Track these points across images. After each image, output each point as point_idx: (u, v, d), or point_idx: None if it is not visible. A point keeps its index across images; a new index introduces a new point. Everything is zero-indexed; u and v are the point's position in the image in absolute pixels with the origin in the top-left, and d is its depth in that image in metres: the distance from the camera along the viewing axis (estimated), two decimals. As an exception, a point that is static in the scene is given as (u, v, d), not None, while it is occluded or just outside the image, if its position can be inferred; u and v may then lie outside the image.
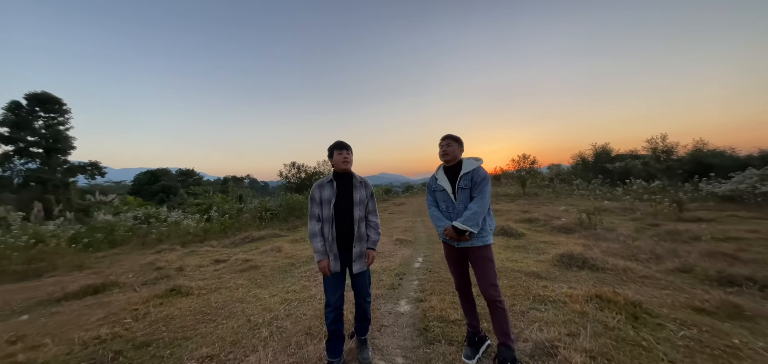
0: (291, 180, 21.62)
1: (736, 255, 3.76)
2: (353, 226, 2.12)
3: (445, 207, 2.21)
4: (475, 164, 2.15)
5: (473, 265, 2.12)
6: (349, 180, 2.19)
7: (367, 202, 2.22)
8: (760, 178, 8.33)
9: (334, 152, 2.17)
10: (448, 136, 2.24)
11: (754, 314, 2.48)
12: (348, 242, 2.12)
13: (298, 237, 7.76)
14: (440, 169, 2.31)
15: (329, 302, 2.13)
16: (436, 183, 2.30)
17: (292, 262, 5.14)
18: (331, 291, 2.12)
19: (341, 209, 2.10)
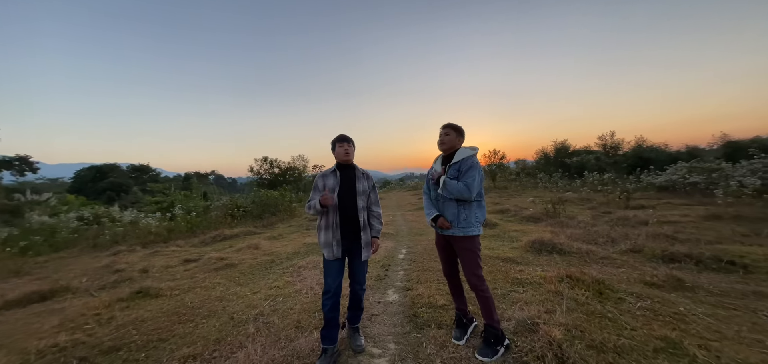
0: (263, 176, 20.73)
1: (675, 236, 4.29)
2: (357, 215, 2.16)
3: (435, 195, 2.24)
4: (468, 153, 2.14)
5: (458, 254, 2.16)
6: (351, 171, 2.23)
7: (369, 193, 2.28)
8: (688, 171, 9.53)
9: (336, 145, 2.21)
10: (447, 125, 2.21)
11: (693, 285, 2.86)
12: (350, 231, 2.15)
13: (275, 234, 7.50)
14: (438, 159, 2.31)
15: (329, 288, 2.14)
16: (431, 171, 2.33)
17: (271, 259, 4.97)
18: (331, 277, 2.14)
19: (345, 198, 2.15)
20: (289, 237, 7.05)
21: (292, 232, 7.74)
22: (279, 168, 20.38)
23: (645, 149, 12.78)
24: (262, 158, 21.05)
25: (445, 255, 2.29)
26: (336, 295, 2.14)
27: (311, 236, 6.69)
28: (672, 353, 1.84)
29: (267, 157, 21.01)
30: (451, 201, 2.10)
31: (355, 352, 2.20)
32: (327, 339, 2.14)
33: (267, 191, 12.73)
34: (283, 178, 19.51)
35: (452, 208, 2.09)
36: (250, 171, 20.94)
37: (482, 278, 2.06)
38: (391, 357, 2.15)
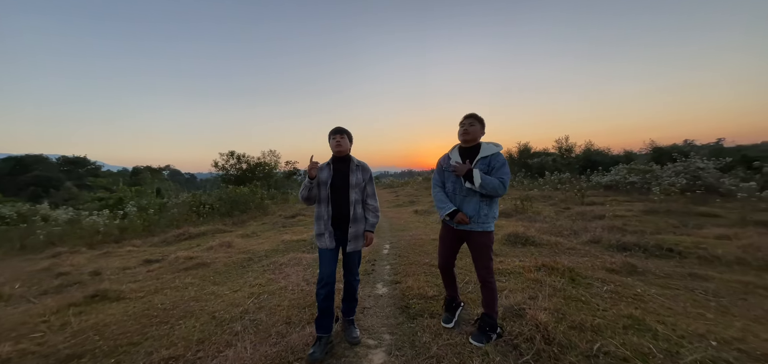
0: (229, 171, 19.46)
1: (624, 228, 4.81)
2: (349, 207, 2.13)
3: (452, 189, 2.10)
4: (495, 149, 2.02)
5: (471, 249, 2.10)
6: (345, 164, 2.20)
7: (364, 185, 2.22)
8: (628, 172, 10.75)
9: (330, 138, 2.20)
10: (472, 116, 2.08)
11: (644, 270, 3.23)
12: (343, 223, 2.13)
13: (248, 232, 7.10)
14: (455, 149, 2.18)
15: (323, 276, 2.11)
16: (448, 162, 2.15)
17: (248, 257, 4.70)
18: (325, 265, 2.12)
19: (337, 190, 2.13)
20: (263, 235, 6.73)
21: (267, 230, 7.38)
22: (247, 164, 19.28)
23: (593, 153, 14.24)
24: (228, 153, 19.77)
25: (450, 249, 2.22)
26: (330, 284, 2.12)
27: (288, 233, 6.45)
28: (638, 329, 2.06)
29: (234, 152, 19.77)
30: (474, 196, 2.00)
31: (351, 344, 2.17)
32: (322, 328, 2.12)
33: (236, 188, 11.99)
34: (252, 174, 18.47)
35: (474, 203, 2.00)
36: (214, 166, 19.56)
37: (492, 271, 2.05)
38: (388, 347, 2.15)
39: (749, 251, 3.71)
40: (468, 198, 2.05)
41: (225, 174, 19.23)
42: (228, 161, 19.48)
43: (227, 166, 19.47)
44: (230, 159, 19.58)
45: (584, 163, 13.43)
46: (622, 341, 1.90)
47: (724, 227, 4.97)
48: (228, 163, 19.49)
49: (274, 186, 16.15)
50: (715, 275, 3.09)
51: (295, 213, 9.05)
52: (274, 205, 11.66)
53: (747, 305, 2.49)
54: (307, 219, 8.36)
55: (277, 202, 12.31)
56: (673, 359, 1.73)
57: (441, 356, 1.97)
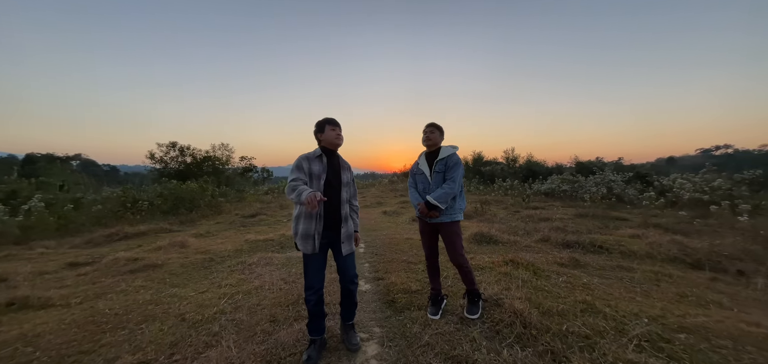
0: (169, 164, 17.31)
1: (565, 229, 5.54)
2: (340, 207, 1.99)
3: (422, 188, 2.42)
4: (451, 150, 2.36)
5: (443, 238, 2.38)
6: (336, 159, 2.05)
7: (350, 184, 2.11)
8: (561, 182, 12.38)
9: (327, 127, 1.98)
10: (432, 125, 2.42)
11: (585, 263, 3.78)
12: (334, 223, 1.98)
13: (201, 231, 6.44)
14: (422, 155, 2.49)
15: (312, 284, 1.94)
16: (417, 167, 2.49)
17: (208, 258, 4.29)
18: (313, 274, 1.94)
19: (330, 188, 1.94)
20: (221, 234, 6.18)
21: (224, 230, 6.79)
22: (193, 157, 17.40)
23: (533, 164, 16.14)
24: (169, 144, 17.62)
25: (429, 241, 2.47)
26: (319, 290, 1.98)
27: (251, 233, 6.03)
28: (591, 312, 2.42)
29: (176, 143, 17.68)
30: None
31: (351, 350, 2.04)
32: (315, 331, 2.02)
33: (181, 183, 10.74)
34: (197, 168, 16.70)
35: None
36: (150, 158, 17.26)
37: (464, 256, 2.36)
38: (380, 339, 2.20)
39: (654, 247, 4.57)
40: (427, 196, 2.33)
41: (163, 168, 17.09)
42: (168, 153, 17.36)
43: (167, 159, 17.34)
44: (171, 151, 17.47)
45: (526, 173, 15.06)
46: (583, 322, 2.23)
47: (634, 228, 6.02)
48: (168, 155, 17.36)
49: (225, 183, 14.82)
50: (635, 266, 3.75)
51: (255, 212, 8.48)
52: (229, 203, 10.74)
53: (660, 289, 3.09)
54: (268, 219, 7.91)
55: (231, 200, 11.37)
56: (622, 334, 2.09)
57: (432, 343, 2.08)
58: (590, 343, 1.98)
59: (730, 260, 4.00)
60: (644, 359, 1.81)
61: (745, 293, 3.10)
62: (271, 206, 10.38)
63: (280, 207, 10.01)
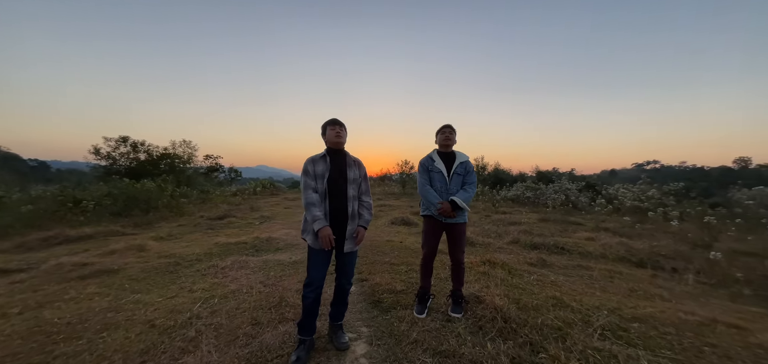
0: (118, 161, 15.67)
1: (531, 232, 5.97)
2: (347, 204, 2.02)
3: (439, 187, 2.46)
4: (465, 157, 2.53)
5: (451, 236, 2.49)
6: (342, 158, 2.08)
7: (360, 181, 2.14)
8: (525, 189, 13.33)
9: (328, 128, 2.06)
10: (450, 126, 2.53)
11: (550, 263, 4.11)
12: (340, 222, 2.00)
13: (163, 234, 5.92)
14: (436, 153, 2.56)
15: (313, 280, 1.97)
16: (432, 164, 2.51)
17: (174, 262, 3.98)
18: (316, 269, 1.97)
19: (335, 185, 1.99)
20: (186, 237, 5.74)
21: (188, 232, 6.31)
22: (149, 153, 15.92)
23: (500, 171, 17.25)
24: (120, 138, 16.00)
25: (433, 241, 2.54)
26: (319, 287, 2.00)
27: (221, 236, 5.68)
28: (561, 306, 2.64)
29: (127, 138, 16.08)
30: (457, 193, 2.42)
31: (339, 349, 2.05)
32: (306, 330, 1.99)
33: (135, 182, 9.77)
34: (152, 167, 15.29)
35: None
36: (94, 154, 15.50)
37: (464, 254, 2.53)
38: (368, 338, 2.22)
39: (606, 249, 5.10)
40: (451, 196, 2.43)
41: (111, 165, 15.43)
42: (117, 149, 15.73)
43: (116, 155, 15.70)
44: (121, 146, 15.86)
45: (494, 180, 15.96)
46: (554, 315, 2.43)
47: (588, 232, 6.65)
48: (117, 151, 15.73)
49: (186, 182, 13.75)
50: (592, 265, 4.16)
51: (223, 214, 7.99)
52: (192, 204, 9.99)
53: (614, 285, 3.47)
54: (239, 221, 7.49)
55: (194, 201, 10.59)
56: (588, 325, 2.31)
57: (420, 340, 2.14)
58: (562, 334, 2.17)
59: (666, 259, 4.58)
60: (607, 346, 2.02)
61: (679, 287, 3.58)
62: (241, 207, 9.84)
63: (250, 209, 9.54)
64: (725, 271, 3.89)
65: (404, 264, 3.78)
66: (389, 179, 19.52)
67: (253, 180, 16.96)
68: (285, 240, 5.18)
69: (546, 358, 1.88)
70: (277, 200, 11.96)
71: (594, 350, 1.95)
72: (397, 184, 17.26)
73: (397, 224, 6.66)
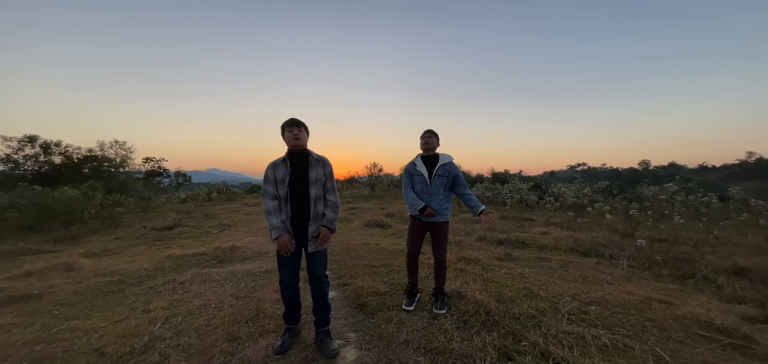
0: (23, 165, 13.14)
1: (495, 228, 6.41)
2: (309, 205, 2.01)
3: (420, 189, 2.58)
4: (448, 159, 2.61)
5: (434, 235, 2.60)
6: (304, 158, 2.06)
7: (324, 180, 2.08)
8: (484, 189, 14.34)
9: (285, 130, 2.04)
10: (430, 131, 2.63)
11: (515, 257, 4.46)
12: (303, 221, 2.02)
13: (96, 249, 5.10)
14: (419, 157, 2.67)
15: (284, 279, 2.05)
16: (414, 168, 2.63)
17: (116, 279, 3.48)
18: (285, 268, 2.05)
19: (296, 187, 2.01)
20: (128, 252, 5.03)
21: (129, 246, 5.54)
22: (66, 156, 13.62)
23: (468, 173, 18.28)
24: (24, 137, 13.48)
25: (419, 238, 2.62)
26: (293, 285, 2.08)
27: (174, 247, 5.09)
28: (532, 296, 2.88)
29: (36, 138, 13.59)
30: (438, 194, 2.54)
31: (328, 357, 2.00)
32: (290, 319, 2.12)
33: (50, 190, 8.27)
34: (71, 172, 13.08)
35: (439, 200, 2.54)
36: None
37: (446, 252, 2.63)
38: (357, 343, 2.19)
39: (558, 241, 5.68)
40: (434, 196, 2.55)
41: (12, 170, 12.91)
42: (20, 150, 13.21)
43: (19, 159, 13.17)
44: (27, 147, 13.35)
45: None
46: (528, 305, 2.66)
47: (541, 227, 7.37)
48: (21, 153, 13.21)
49: (119, 189, 12.04)
50: (549, 257, 4.61)
51: (172, 224, 7.16)
52: (130, 214, 8.77)
53: (569, 273, 3.88)
54: (192, 230, 6.78)
55: (133, 210, 9.33)
56: (556, 311, 2.56)
57: (410, 340, 2.18)
58: (537, 321, 2.37)
59: (604, 248, 5.27)
60: (575, 329, 2.27)
61: (617, 272, 4.13)
62: (194, 215, 8.91)
63: (205, 217, 8.69)
64: (648, 255, 4.60)
65: (384, 266, 3.80)
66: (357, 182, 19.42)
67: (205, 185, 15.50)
68: (251, 248, 4.84)
69: (528, 345, 2.04)
70: (236, 206, 11.09)
71: (565, 334, 2.17)
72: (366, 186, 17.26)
73: (371, 226, 6.64)
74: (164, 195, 14.31)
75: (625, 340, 2.12)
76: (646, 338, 2.18)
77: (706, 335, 2.21)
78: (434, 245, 2.62)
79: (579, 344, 2.06)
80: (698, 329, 2.30)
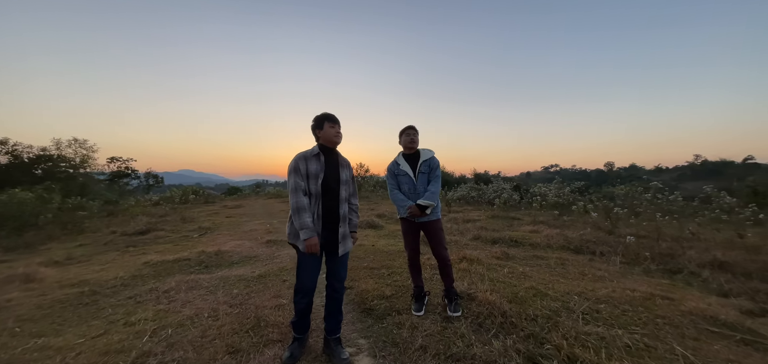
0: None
1: (487, 227, 6.47)
2: (338, 206, 1.97)
3: (408, 189, 2.51)
4: (430, 154, 2.56)
5: (428, 235, 2.52)
6: (335, 157, 2.04)
7: (350, 182, 2.10)
8: (469, 189, 14.54)
9: (326, 124, 1.97)
10: (413, 127, 2.56)
11: (513, 256, 4.47)
12: (332, 223, 1.95)
13: (58, 258, 4.60)
14: (400, 156, 2.61)
15: (304, 286, 1.90)
16: (398, 168, 2.57)
17: (87, 290, 3.14)
18: (308, 275, 1.91)
19: (328, 186, 1.94)
20: (97, 259, 4.59)
21: (98, 252, 5.06)
22: (14, 155, 12.30)
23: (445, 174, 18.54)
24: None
25: (413, 241, 2.56)
26: (311, 293, 1.95)
27: (151, 253, 4.69)
28: (541, 296, 2.85)
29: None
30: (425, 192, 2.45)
31: None
32: (301, 328, 1.97)
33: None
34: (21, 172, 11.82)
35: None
36: None
37: (447, 249, 2.54)
38: (370, 350, 2.07)
39: (549, 239, 5.79)
40: (421, 195, 2.48)
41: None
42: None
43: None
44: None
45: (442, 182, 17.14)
46: (541, 305, 2.63)
47: (529, 226, 7.52)
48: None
49: (79, 191, 11.04)
50: (545, 255, 4.67)
51: (146, 228, 6.64)
52: (95, 219, 8.06)
53: (568, 271, 3.92)
54: (170, 234, 6.32)
55: (97, 214, 8.60)
56: (570, 311, 2.53)
57: (426, 345, 2.08)
58: (554, 322, 2.33)
59: (594, 245, 5.42)
60: (593, 329, 2.23)
61: (611, 269, 4.24)
62: (169, 219, 8.33)
63: (182, 220, 8.14)
64: (636, 252, 4.78)
65: (384, 267, 3.69)
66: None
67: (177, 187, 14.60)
68: (239, 252, 4.55)
69: (551, 349, 1.98)
70: (215, 209, 10.53)
71: (585, 335, 2.14)
72: None
73: (363, 227, 6.50)
74: (133, 198, 13.35)
75: (645, 339, 2.12)
76: (663, 336, 2.19)
77: (717, 331, 2.26)
78: (433, 244, 2.55)
79: (602, 346, 2.03)
80: (707, 325, 2.35)
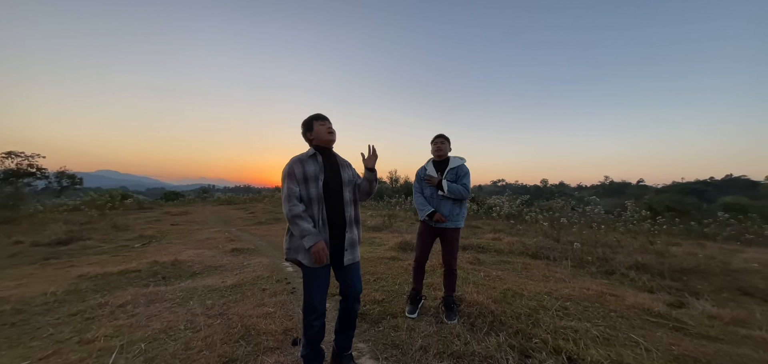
0: None
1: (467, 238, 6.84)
2: (344, 210, 1.83)
3: (430, 194, 2.60)
4: (459, 161, 2.64)
5: (444, 241, 2.62)
6: (333, 157, 1.90)
7: (354, 183, 1.96)
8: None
9: (316, 123, 1.83)
10: (442, 136, 2.67)
11: (483, 261, 4.77)
12: (339, 229, 1.80)
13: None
14: (430, 163, 2.71)
15: (316, 304, 1.73)
16: (424, 173, 2.68)
17: (9, 308, 2.64)
18: (319, 290, 1.74)
19: (330, 188, 1.79)
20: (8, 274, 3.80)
21: (4, 267, 4.17)
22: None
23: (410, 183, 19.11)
24: None
25: (427, 244, 2.64)
26: (324, 311, 1.79)
27: (81, 265, 4.02)
28: (518, 296, 3.14)
29: None
30: (448, 200, 2.54)
31: None
32: (314, 357, 1.81)
33: None
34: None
35: (448, 205, 2.56)
36: None
37: (456, 261, 2.64)
38: (371, 353, 2.11)
39: (511, 246, 6.34)
40: (443, 202, 2.58)
41: None
42: None
43: None
44: None
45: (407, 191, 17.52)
46: (520, 304, 2.89)
47: (491, 234, 8.11)
48: None
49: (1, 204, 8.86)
50: (510, 260, 5.11)
51: (66, 237, 5.64)
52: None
53: (533, 273, 4.30)
54: (101, 245, 5.45)
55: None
56: (546, 309, 2.83)
57: (427, 346, 2.17)
58: (535, 319, 2.59)
59: (548, 251, 6.09)
60: (568, 323, 2.53)
61: (565, 272, 4.81)
62: (96, 226, 7.15)
63: (114, 228, 7.06)
64: (581, 256, 5.49)
65: (369, 274, 3.73)
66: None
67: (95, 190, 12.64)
68: (201, 262, 4.16)
69: (539, 342, 2.22)
70: (156, 216, 9.36)
71: (564, 329, 2.42)
72: None
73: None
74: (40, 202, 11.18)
75: (607, 330, 2.47)
76: (619, 326, 2.58)
77: (654, 321, 2.72)
78: (444, 252, 2.65)
79: (578, 338, 2.31)
80: (647, 316, 2.81)
